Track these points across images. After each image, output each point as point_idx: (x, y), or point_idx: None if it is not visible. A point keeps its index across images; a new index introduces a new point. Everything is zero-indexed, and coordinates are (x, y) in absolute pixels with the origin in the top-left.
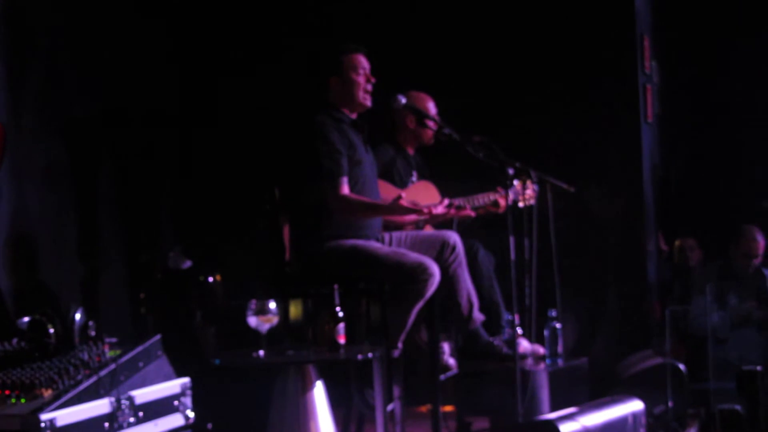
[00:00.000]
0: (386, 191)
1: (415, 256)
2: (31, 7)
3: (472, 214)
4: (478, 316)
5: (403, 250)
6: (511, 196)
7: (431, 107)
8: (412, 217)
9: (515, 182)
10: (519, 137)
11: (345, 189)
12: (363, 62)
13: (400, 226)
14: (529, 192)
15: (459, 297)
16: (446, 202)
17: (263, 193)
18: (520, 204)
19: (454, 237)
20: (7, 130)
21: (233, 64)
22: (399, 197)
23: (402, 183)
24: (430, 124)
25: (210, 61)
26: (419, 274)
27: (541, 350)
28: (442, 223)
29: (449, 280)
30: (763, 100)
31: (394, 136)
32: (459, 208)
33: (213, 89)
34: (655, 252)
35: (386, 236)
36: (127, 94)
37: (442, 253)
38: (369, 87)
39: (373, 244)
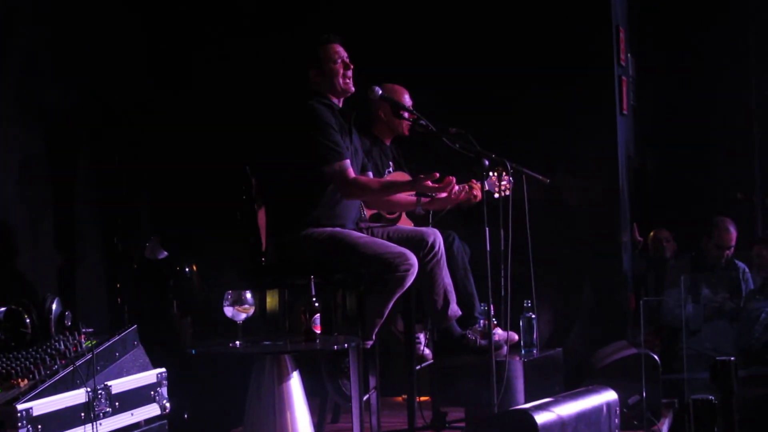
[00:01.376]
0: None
1: (394, 247)
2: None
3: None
4: (454, 312)
5: (382, 241)
6: (486, 186)
7: (407, 99)
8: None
9: (491, 174)
10: (495, 129)
11: (352, 171)
12: (340, 51)
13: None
14: (504, 183)
15: (435, 294)
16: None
17: (240, 183)
18: (496, 195)
19: (434, 235)
20: None
21: (210, 54)
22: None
23: (378, 173)
24: (406, 115)
25: (187, 51)
26: (399, 264)
27: (515, 337)
28: (418, 216)
29: (426, 276)
30: (736, 93)
31: (371, 127)
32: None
33: (190, 79)
34: (629, 243)
35: (364, 228)
36: (104, 84)
37: (419, 249)
38: (349, 73)
39: (353, 233)
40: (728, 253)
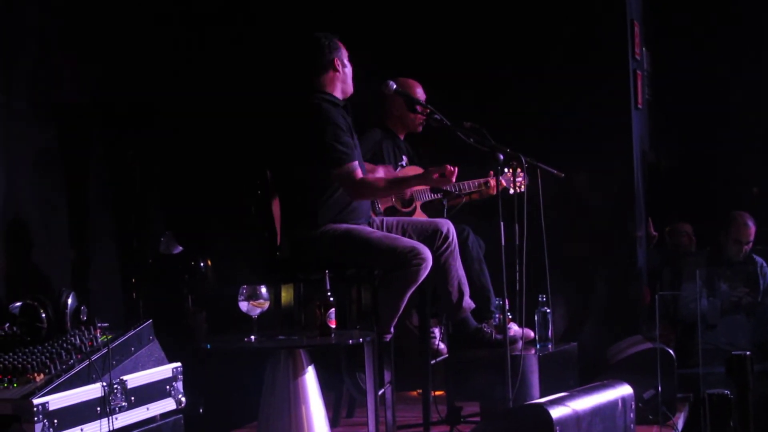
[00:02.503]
0: (376, 173)
1: (407, 241)
2: None
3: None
4: (469, 304)
5: (395, 235)
6: (502, 183)
7: (420, 93)
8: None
9: (506, 170)
10: (509, 123)
11: (359, 172)
12: (345, 49)
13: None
14: (519, 180)
15: (449, 285)
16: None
17: (255, 178)
18: (511, 191)
19: (447, 226)
20: None
21: (224, 49)
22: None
23: (391, 165)
24: (420, 109)
25: (201, 46)
26: (412, 258)
27: (531, 334)
28: (431, 208)
29: (440, 268)
30: (752, 87)
31: (385, 122)
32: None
33: (204, 74)
34: (644, 238)
35: (377, 221)
36: (118, 79)
37: (433, 241)
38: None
39: (366, 229)
40: (746, 248)
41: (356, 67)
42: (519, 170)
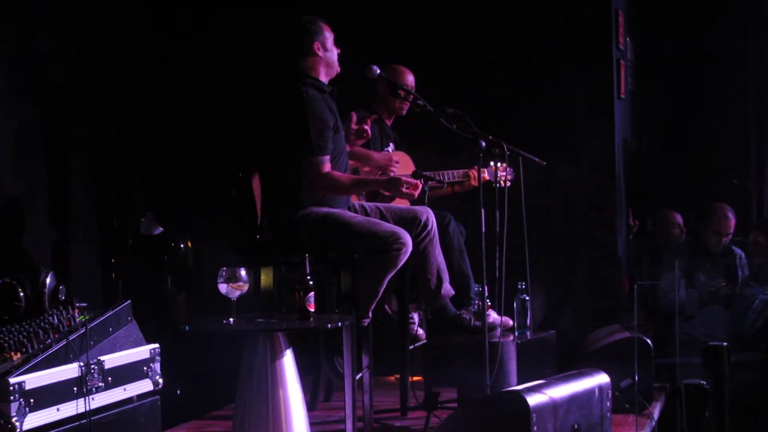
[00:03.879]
0: (362, 152)
1: (388, 226)
2: None
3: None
4: (447, 291)
5: (376, 220)
6: (486, 176)
7: (410, 79)
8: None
9: (491, 164)
10: (492, 111)
11: (328, 166)
12: (330, 31)
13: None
14: (503, 174)
15: (428, 273)
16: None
17: (236, 160)
18: (495, 185)
19: (426, 214)
20: None
21: (206, 29)
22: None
23: (377, 151)
24: (403, 94)
25: (181, 27)
26: (392, 243)
27: (510, 322)
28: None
29: (419, 255)
30: (734, 79)
31: (371, 106)
32: (431, 181)
33: (185, 55)
34: (624, 227)
35: (357, 205)
36: (100, 59)
37: (412, 228)
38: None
39: (347, 213)
40: (726, 239)
41: (345, 51)
42: (503, 164)
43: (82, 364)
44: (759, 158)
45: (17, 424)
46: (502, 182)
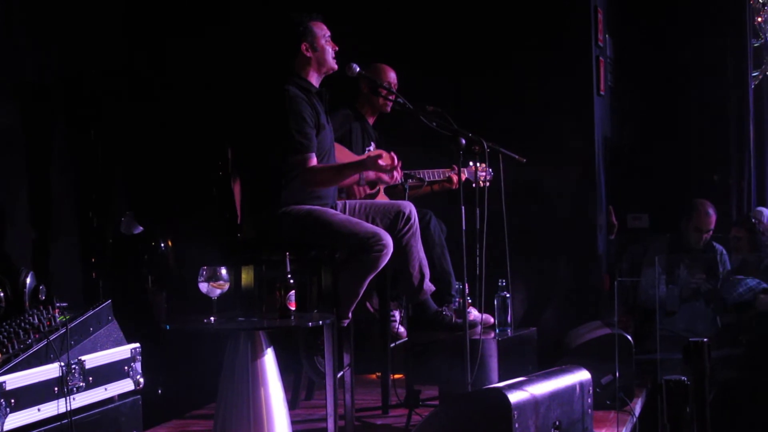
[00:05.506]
0: (342, 155)
1: (369, 227)
2: None
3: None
4: (429, 287)
5: (357, 219)
6: (466, 175)
7: (392, 76)
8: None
9: (470, 163)
10: (472, 109)
11: (314, 161)
12: (325, 29)
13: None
14: (482, 174)
15: (411, 267)
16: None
17: (216, 159)
18: (474, 185)
19: (409, 207)
20: None
21: (185, 28)
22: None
23: (359, 150)
24: (384, 92)
25: (162, 25)
26: (373, 244)
27: (491, 320)
28: (395, 192)
29: (402, 250)
30: (713, 75)
31: (354, 104)
32: (413, 179)
33: (165, 53)
34: (605, 225)
35: (340, 204)
36: (80, 58)
37: (396, 222)
38: (333, 51)
39: (329, 211)
40: (706, 236)
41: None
42: (482, 165)
43: (62, 364)
44: (739, 154)
45: None
46: (481, 182)
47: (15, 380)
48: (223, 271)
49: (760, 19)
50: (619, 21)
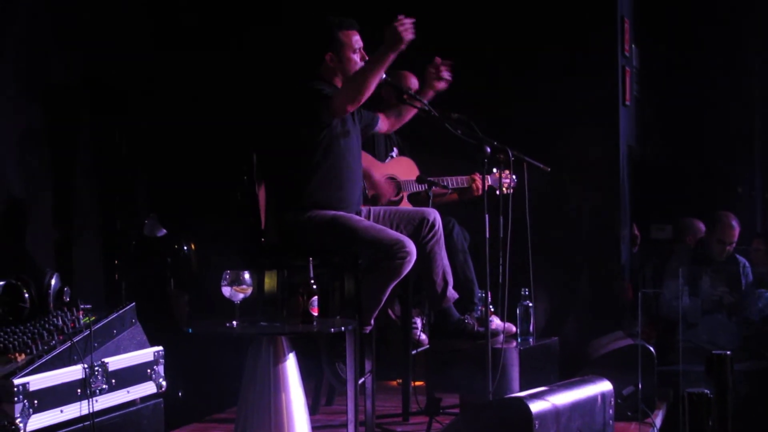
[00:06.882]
0: (366, 161)
1: (393, 234)
2: None
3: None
4: (452, 294)
5: (381, 226)
6: (489, 182)
7: (414, 83)
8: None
9: (494, 170)
10: (497, 117)
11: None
12: (358, 39)
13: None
14: (506, 181)
15: (434, 274)
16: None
17: (241, 163)
18: (498, 192)
19: (433, 214)
20: None
21: (211, 33)
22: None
23: (381, 156)
24: (408, 99)
25: (188, 30)
26: (397, 251)
27: (513, 329)
28: (418, 199)
29: (426, 256)
30: (738, 88)
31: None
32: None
33: (191, 57)
34: (629, 236)
35: (365, 210)
36: (105, 62)
37: (420, 229)
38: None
39: (354, 217)
40: (729, 248)
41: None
42: (506, 171)
43: (86, 365)
44: (763, 167)
45: (21, 425)
46: (505, 189)
47: (38, 381)
48: (247, 275)
49: None
50: (645, 30)
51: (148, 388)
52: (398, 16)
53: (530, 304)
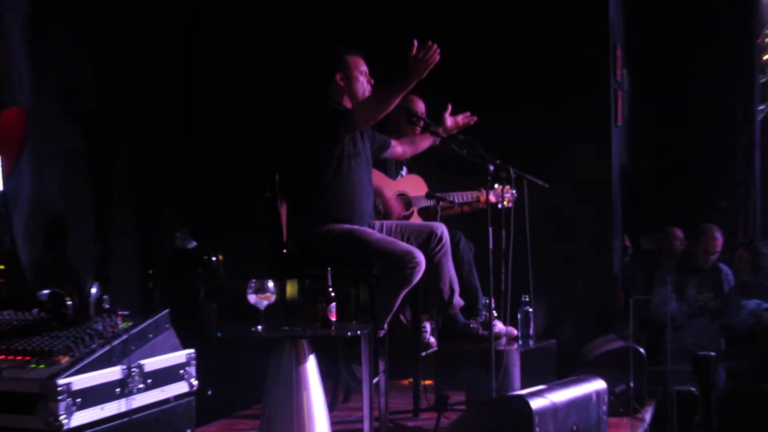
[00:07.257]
0: (377, 179)
1: (404, 245)
2: (52, 3)
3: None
4: (458, 301)
5: (393, 239)
6: (492, 198)
7: (421, 106)
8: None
9: (496, 186)
10: (498, 138)
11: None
12: (363, 64)
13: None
14: (507, 196)
15: (442, 284)
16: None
17: (264, 180)
18: (500, 206)
19: (441, 228)
20: (31, 116)
21: (238, 53)
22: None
23: (393, 174)
24: (418, 122)
25: (216, 52)
26: (407, 262)
27: (514, 332)
28: (427, 213)
29: (434, 267)
30: (722, 108)
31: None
32: (442, 201)
33: (218, 79)
34: (620, 247)
35: (377, 224)
36: (138, 85)
37: (429, 242)
38: (369, 87)
39: (367, 230)
40: (713, 257)
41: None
42: (507, 187)
43: (124, 367)
44: (745, 183)
45: (65, 421)
46: (505, 203)
47: (81, 381)
48: (270, 283)
49: (766, 57)
50: (635, 55)
51: (180, 388)
52: (427, 42)
53: (530, 310)
